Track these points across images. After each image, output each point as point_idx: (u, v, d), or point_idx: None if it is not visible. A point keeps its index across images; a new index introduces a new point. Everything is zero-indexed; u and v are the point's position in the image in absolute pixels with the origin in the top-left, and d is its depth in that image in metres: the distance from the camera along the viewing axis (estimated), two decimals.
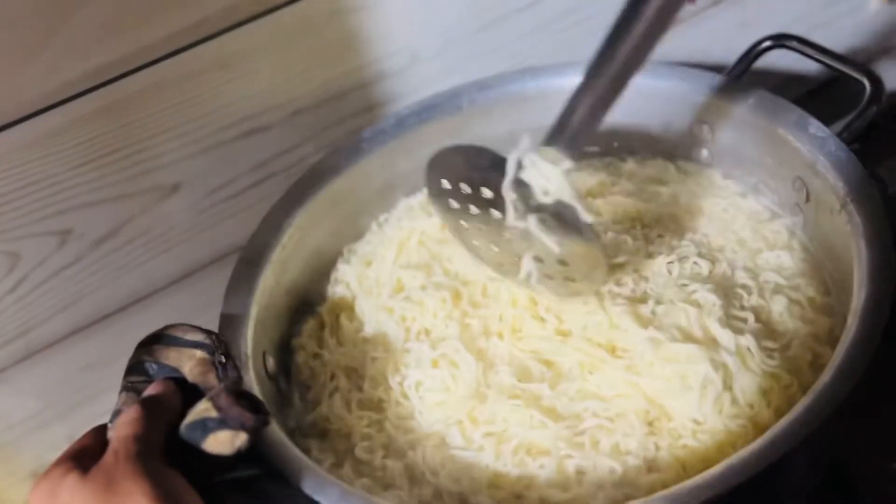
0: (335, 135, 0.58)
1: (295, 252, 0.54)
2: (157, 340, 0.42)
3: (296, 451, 0.41)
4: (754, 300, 0.46)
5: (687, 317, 0.44)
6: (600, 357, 0.45)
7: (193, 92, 0.52)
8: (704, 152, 0.57)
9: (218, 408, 0.36)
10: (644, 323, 0.45)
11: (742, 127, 0.53)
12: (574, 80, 0.57)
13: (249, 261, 0.51)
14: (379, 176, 0.58)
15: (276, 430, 0.41)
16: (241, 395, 0.37)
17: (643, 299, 0.47)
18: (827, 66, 0.53)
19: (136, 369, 0.41)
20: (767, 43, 0.56)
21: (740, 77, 0.57)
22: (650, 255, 0.50)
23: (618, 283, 0.48)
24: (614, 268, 0.49)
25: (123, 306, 0.58)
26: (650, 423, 0.43)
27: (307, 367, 0.52)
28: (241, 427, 0.36)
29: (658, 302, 0.46)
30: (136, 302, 0.58)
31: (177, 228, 0.57)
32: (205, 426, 0.36)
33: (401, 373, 0.48)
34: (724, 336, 0.43)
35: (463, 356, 0.47)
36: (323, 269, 0.57)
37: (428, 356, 0.47)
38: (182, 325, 0.42)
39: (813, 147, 0.47)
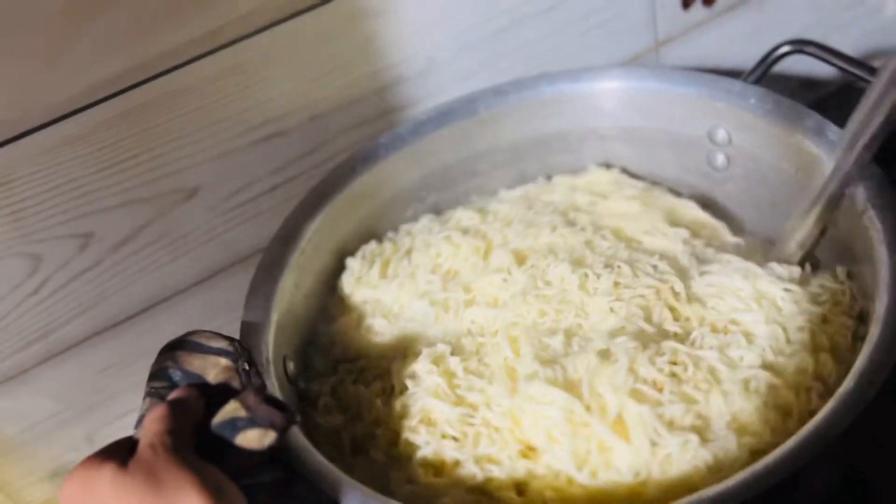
0: (352, 139, 0.59)
1: (313, 256, 0.54)
2: (180, 346, 0.42)
3: (317, 455, 0.41)
4: None
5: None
6: None
7: (213, 97, 0.53)
8: (721, 157, 0.57)
9: (247, 407, 0.37)
10: None
11: (759, 132, 0.53)
12: (589, 85, 0.59)
13: (269, 266, 0.51)
14: (396, 181, 0.59)
15: (298, 435, 0.42)
16: (267, 399, 0.38)
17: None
18: (845, 71, 0.53)
19: (159, 375, 0.41)
20: (785, 48, 0.56)
21: (757, 82, 0.57)
22: None
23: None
24: None
25: (142, 309, 0.58)
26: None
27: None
28: (271, 426, 0.36)
29: None
30: (154, 305, 0.58)
31: (195, 232, 0.57)
32: (234, 425, 0.37)
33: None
34: None
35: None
36: (340, 273, 0.57)
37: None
38: (205, 331, 0.42)
39: (831, 152, 0.47)
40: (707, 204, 0.58)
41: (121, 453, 0.36)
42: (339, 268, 0.57)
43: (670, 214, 0.56)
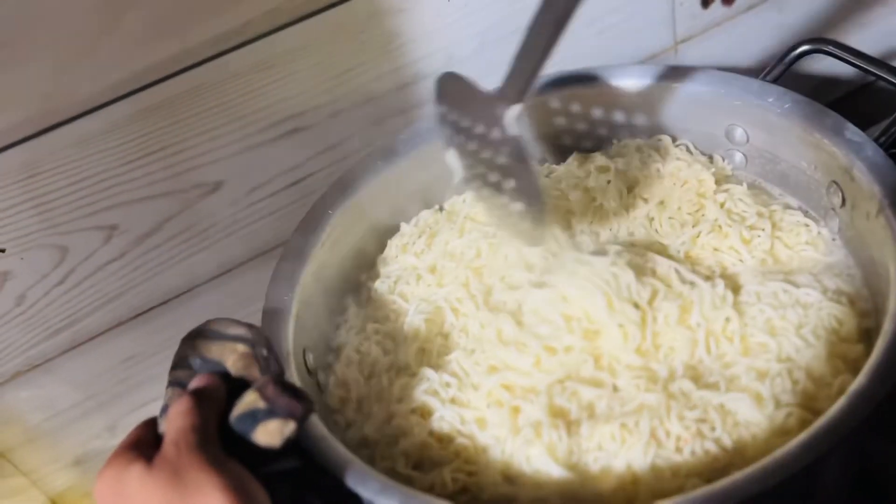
0: (373, 135, 0.59)
1: (333, 251, 0.55)
2: (199, 335, 0.43)
3: (337, 445, 0.42)
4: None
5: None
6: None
7: (237, 93, 0.54)
8: (739, 156, 0.57)
9: (265, 398, 0.37)
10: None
11: (777, 131, 0.53)
12: (608, 83, 0.59)
13: (290, 258, 0.52)
14: (415, 177, 0.59)
15: (317, 424, 0.42)
16: (285, 387, 0.38)
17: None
18: (865, 70, 0.53)
19: (180, 364, 0.42)
20: (805, 47, 0.56)
21: (776, 81, 0.57)
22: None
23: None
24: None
25: (165, 301, 0.59)
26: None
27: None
28: (290, 416, 0.37)
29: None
30: (176, 297, 0.59)
31: (217, 225, 0.58)
32: (254, 417, 0.37)
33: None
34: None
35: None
36: (359, 269, 0.58)
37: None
38: (224, 319, 0.43)
39: (849, 152, 0.47)
40: None
41: (146, 449, 0.37)
42: (357, 264, 0.57)
43: None
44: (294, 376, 0.46)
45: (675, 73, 0.57)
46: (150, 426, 0.40)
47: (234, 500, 0.34)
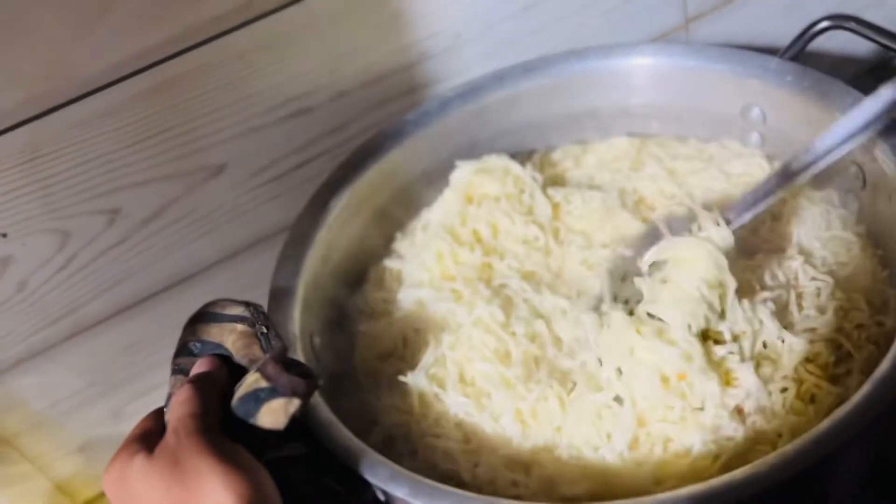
0: (378, 116, 0.58)
1: (340, 234, 0.54)
2: (198, 319, 0.42)
3: (344, 430, 0.41)
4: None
5: None
6: None
7: (240, 73, 0.53)
8: (755, 136, 0.56)
9: (267, 377, 0.37)
10: None
11: (795, 110, 0.52)
12: (619, 61, 0.58)
13: (296, 241, 0.51)
14: (423, 159, 0.58)
15: (324, 410, 0.42)
16: (288, 364, 0.38)
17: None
18: (885, 47, 0.51)
19: (182, 351, 0.42)
20: (824, 24, 0.54)
21: (794, 59, 0.56)
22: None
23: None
24: None
25: (168, 286, 0.58)
26: None
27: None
28: (293, 394, 0.36)
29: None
30: (180, 282, 0.59)
31: (221, 209, 0.57)
32: (257, 397, 0.37)
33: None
34: None
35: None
36: (368, 251, 0.57)
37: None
38: (222, 300, 0.43)
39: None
40: None
41: (151, 440, 0.37)
42: (365, 246, 0.56)
43: None
44: (301, 360, 0.45)
45: (689, 51, 0.56)
46: (158, 417, 0.39)
47: (235, 484, 0.34)
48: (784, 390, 0.42)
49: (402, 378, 0.47)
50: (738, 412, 0.41)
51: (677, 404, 0.42)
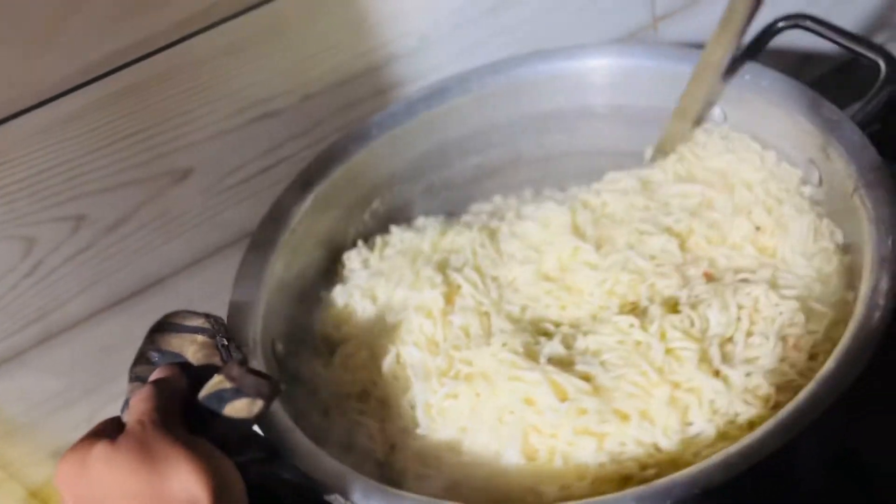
0: (345, 119, 0.58)
1: (305, 237, 0.54)
2: (158, 329, 0.42)
3: (302, 437, 0.41)
4: None
5: None
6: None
7: (205, 77, 0.53)
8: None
9: (231, 379, 0.37)
10: None
11: (755, 109, 0.52)
12: (583, 62, 0.58)
13: (258, 246, 0.51)
14: (389, 161, 0.58)
15: (283, 417, 0.42)
16: (250, 369, 0.38)
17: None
18: (841, 45, 0.52)
19: (140, 360, 0.42)
20: (782, 23, 0.54)
21: (755, 58, 0.56)
22: None
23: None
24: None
25: (138, 291, 0.58)
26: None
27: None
28: (258, 394, 0.37)
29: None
30: (150, 287, 0.59)
31: (189, 213, 0.57)
32: (221, 397, 0.37)
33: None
34: None
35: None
36: (334, 254, 0.57)
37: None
38: (183, 311, 0.43)
39: (826, 130, 0.46)
40: None
41: (110, 432, 0.36)
42: (331, 249, 0.57)
43: None
44: (261, 366, 0.45)
45: (651, 52, 0.56)
46: (114, 420, 0.39)
47: (202, 468, 0.34)
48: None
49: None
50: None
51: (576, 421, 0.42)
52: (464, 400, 0.44)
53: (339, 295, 0.53)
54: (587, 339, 0.45)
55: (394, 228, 0.57)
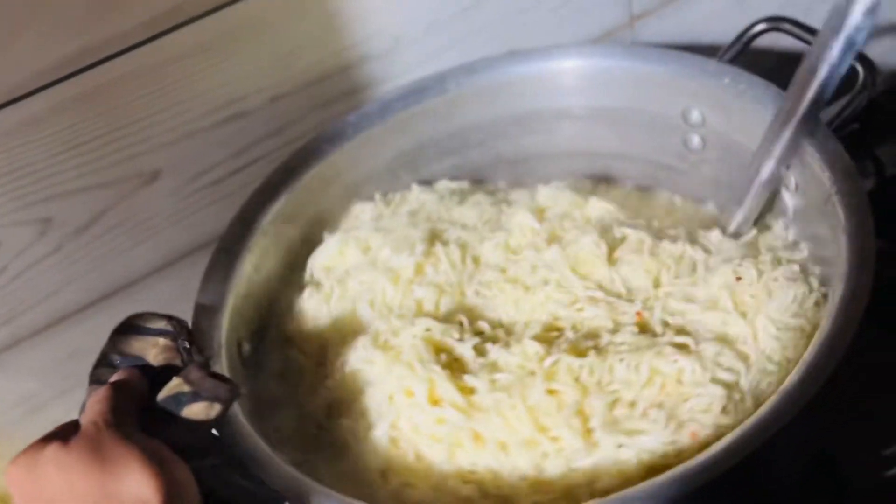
0: (317, 120, 0.57)
1: (276, 239, 0.53)
2: (120, 331, 0.42)
3: (260, 443, 0.41)
4: None
5: None
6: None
7: (172, 78, 0.52)
8: (696, 138, 0.56)
9: (190, 382, 0.37)
10: None
11: (733, 113, 0.52)
12: (560, 63, 0.57)
13: (227, 248, 0.51)
14: (364, 162, 0.57)
15: (243, 423, 0.42)
16: (210, 373, 0.38)
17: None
18: None
19: (101, 362, 0.41)
20: (761, 26, 0.54)
21: (734, 60, 0.55)
22: None
23: None
24: None
25: (108, 294, 0.57)
26: None
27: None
28: (216, 398, 0.37)
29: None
30: (120, 290, 0.58)
31: (159, 216, 0.56)
32: (178, 401, 0.37)
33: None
34: None
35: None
36: (306, 255, 0.56)
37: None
38: (145, 313, 0.43)
39: (801, 136, 0.46)
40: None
41: (64, 434, 0.36)
42: (304, 250, 0.56)
43: None
44: (224, 369, 0.45)
45: (628, 53, 0.56)
46: (72, 424, 0.39)
47: (155, 471, 0.34)
48: None
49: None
50: None
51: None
52: (376, 369, 0.45)
53: (334, 241, 0.53)
54: (499, 352, 0.44)
55: (414, 187, 0.57)
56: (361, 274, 0.50)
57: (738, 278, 0.45)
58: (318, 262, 0.53)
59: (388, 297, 0.49)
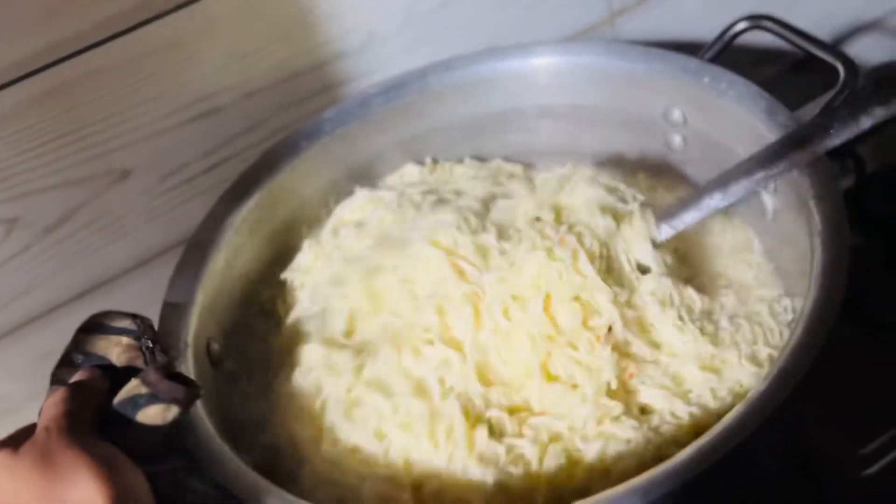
0: (292, 117, 0.57)
1: (250, 236, 0.53)
2: (84, 330, 0.41)
3: (222, 446, 0.40)
4: None
5: None
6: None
7: (141, 74, 0.51)
8: (677, 138, 0.55)
9: (147, 384, 0.37)
10: None
11: (714, 113, 0.51)
12: (541, 60, 0.56)
13: (198, 245, 0.50)
14: (341, 158, 0.56)
15: (205, 424, 0.41)
16: (170, 375, 0.38)
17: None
18: (798, 46, 0.51)
19: (63, 362, 0.41)
20: (743, 24, 0.53)
21: (716, 58, 0.55)
22: None
23: None
24: None
25: (80, 294, 0.57)
26: None
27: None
28: (173, 401, 0.37)
29: None
30: (93, 289, 0.57)
31: (131, 214, 0.55)
32: (135, 403, 0.37)
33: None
34: None
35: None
36: (282, 253, 0.55)
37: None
38: (110, 312, 0.42)
39: (781, 136, 0.45)
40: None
41: (17, 440, 0.36)
42: (279, 248, 0.55)
43: None
44: (190, 368, 0.44)
45: (610, 51, 0.55)
46: (27, 428, 0.38)
47: (103, 479, 0.33)
48: None
49: None
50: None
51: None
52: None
53: (361, 195, 0.54)
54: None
55: (467, 160, 0.58)
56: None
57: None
58: (340, 216, 0.54)
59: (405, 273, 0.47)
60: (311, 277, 0.52)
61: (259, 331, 0.52)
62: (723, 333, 0.44)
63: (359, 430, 0.43)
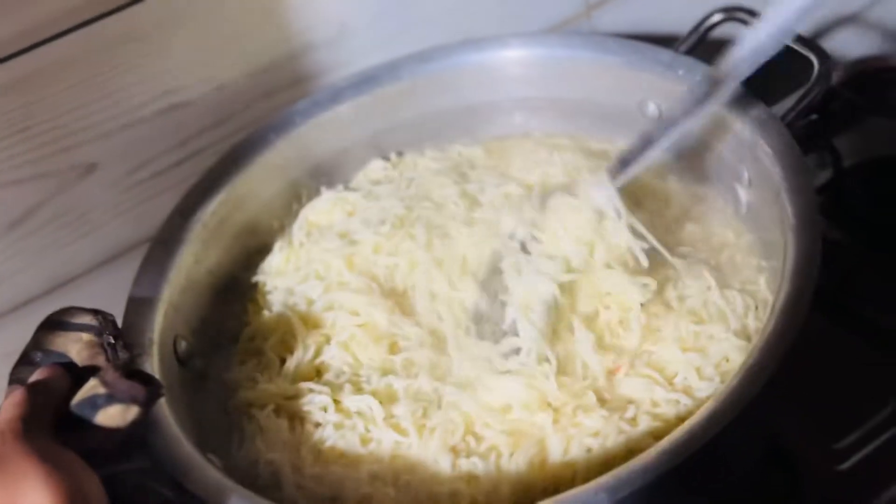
0: (262, 110, 0.56)
1: (219, 231, 0.52)
2: (44, 327, 0.40)
3: (188, 447, 0.40)
4: None
5: None
6: None
7: (105, 66, 0.50)
8: None
9: (105, 383, 0.36)
10: None
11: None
12: (516, 52, 0.56)
13: (164, 241, 0.49)
14: (313, 151, 0.56)
15: (170, 425, 0.40)
16: (131, 373, 0.37)
17: None
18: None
19: (22, 360, 0.40)
20: (718, 16, 0.53)
21: (691, 51, 0.54)
22: None
23: None
24: None
25: (45, 292, 0.55)
26: None
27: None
28: (132, 401, 0.36)
29: None
30: (60, 286, 0.56)
31: (98, 210, 0.54)
32: (94, 403, 0.36)
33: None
34: None
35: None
36: (253, 248, 0.54)
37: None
38: (71, 308, 0.41)
39: (754, 130, 0.45)
40: None
41: None
42: (250, 242, 0.54)
43: None
44: (155, 366, 0.43)
45: (584, 43, 0.54)
46: None
47: (56, 486, 0.32)
48: None
49: None
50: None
51: None
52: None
53: (328, 196, 0.54)
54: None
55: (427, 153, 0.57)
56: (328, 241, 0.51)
57: None
58: (306, 216, 0.54)
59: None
60: (282, 280, 0.51)
61: (229, 329, 0.51)
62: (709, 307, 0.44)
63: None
